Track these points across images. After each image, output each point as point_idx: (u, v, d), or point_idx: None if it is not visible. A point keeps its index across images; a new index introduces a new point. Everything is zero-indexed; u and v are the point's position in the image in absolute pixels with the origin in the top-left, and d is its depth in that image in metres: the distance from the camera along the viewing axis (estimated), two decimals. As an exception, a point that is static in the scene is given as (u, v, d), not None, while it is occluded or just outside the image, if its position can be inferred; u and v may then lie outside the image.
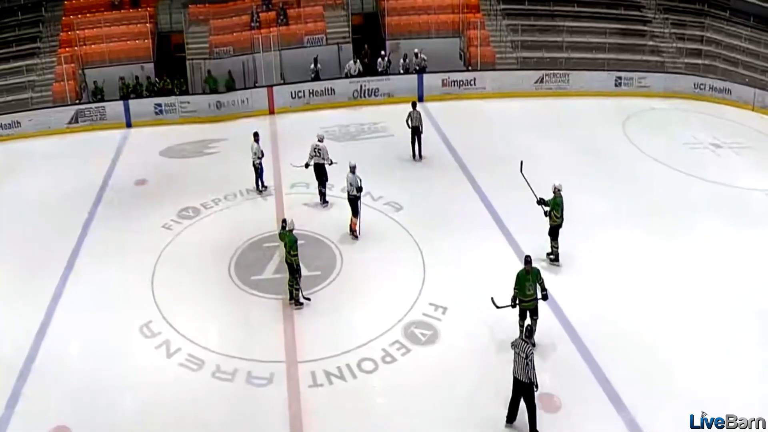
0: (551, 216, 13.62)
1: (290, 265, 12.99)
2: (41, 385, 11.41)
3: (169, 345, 12.23)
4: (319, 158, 16.47)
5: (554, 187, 13.59)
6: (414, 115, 18.57)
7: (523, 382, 9.82)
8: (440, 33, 25.55)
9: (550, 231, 13.82)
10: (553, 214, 13.58)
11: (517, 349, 9.87)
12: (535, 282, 11.54)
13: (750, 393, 10.64)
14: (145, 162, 19.72)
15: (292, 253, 12.85)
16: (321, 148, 16.48)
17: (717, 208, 16.05)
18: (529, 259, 11.71)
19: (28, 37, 24.56)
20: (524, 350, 9.79)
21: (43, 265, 14.55)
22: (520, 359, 9.78)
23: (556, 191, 13.56)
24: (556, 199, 13.55)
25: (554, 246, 13.91)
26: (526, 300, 11.53)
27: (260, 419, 10.76)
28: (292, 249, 12.83)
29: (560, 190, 13.55)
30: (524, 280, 11.48)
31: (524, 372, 9.76)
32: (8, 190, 18.18)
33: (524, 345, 9.85)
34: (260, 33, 24.37)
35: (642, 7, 26.25)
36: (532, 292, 11.53)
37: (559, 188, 13.57)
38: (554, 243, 13.88)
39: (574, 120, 21.39)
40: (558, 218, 13.63)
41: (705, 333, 12.14)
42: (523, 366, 9.75)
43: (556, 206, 13.55)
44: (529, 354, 9.75)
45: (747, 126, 21.06)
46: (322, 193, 16.78)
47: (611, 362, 11.45)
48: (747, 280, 13.45)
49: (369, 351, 11.93)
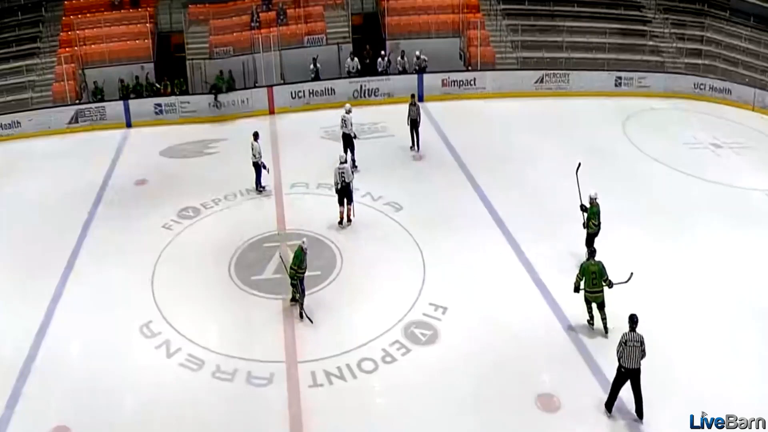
0: (589, 225, 13.66)
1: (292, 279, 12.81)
2: (41, 385, 11.42)
3: (169, 345, 12.24)
4: (345, 128, 17.83)
5: (590, 197, 13.65)
6: (413, 109, 19.06)
7: (636, 369, 10.05)
8: (440, 33, 25.53)
9: (587, 239, 13.78)
10: (591, 223, 13.62)
11: (632, 341, 10.01)
12: (600, 276, 11.81)
13: (750, 393, 10.64)
14: (145, 162, 19.72)
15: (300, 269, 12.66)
16: (346, 119, 17.90)
17: (717, 208, 16.06)
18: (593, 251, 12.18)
19: (28, 37, 24.55)
20: (638, 339, 10.02)
21: (44, 265, 14.55)
22: (635, 348, 9.99)
23: (592, 200, 13.61)
24: (593, 208, 13.61)
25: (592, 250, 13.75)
26: (592, 292, 11.92)
27: (260, 419, 10.77)
28: (295, 263, 12.64)
29: (596, 199, 13.61)
30: (589, 273, 11.84)
31: (638, 359, 10.01)
32: (8, 190, 18.18)
33: (636, 335, 10.05)
34: (260, 33, 24.36)
35: (642, 7, 26.25)
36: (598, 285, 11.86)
37: (595, 197, 13.64)
38: (590, 250, 13.66)
39: (574, 120, 21.40)
40: (595, 226, 13.66)
41: (705, 333, 12.15)
42: (638, 354, 9.99)
43: (594, 215, 13.60)
44: (643, 341, 10.01)
45: (747, 126, 21.07)
46: (353, 160, 17.83)
47: (611, 362, 11.43)
48: (747, 280, 13.47)
49: (369, 351, 11.94)
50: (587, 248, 13.36)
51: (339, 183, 15.39)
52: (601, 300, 11.97)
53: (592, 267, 11.84)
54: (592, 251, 12.25)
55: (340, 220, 15.70)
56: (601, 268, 11.83)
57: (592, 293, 11.94)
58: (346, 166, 15.52)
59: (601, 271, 11.81)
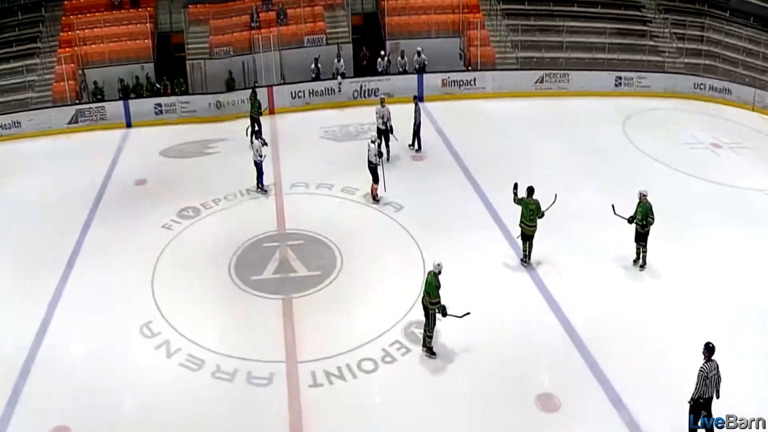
0: (645, 222, 13.52)
1: (425, 309, 11.82)
2: (41, 385, 11.42)
3: (169, 345, 12.23)
4: (380, 122, 18.28)
5: (640, 194, 13.57)
6: (415, 109, 19.21)
7: (713, 397, 9.64)
8: (440, 33, 25.53)
9: (640, 237, 13.71)
10: (648, 220, 13.49)
11: (712, 371, 9.54)
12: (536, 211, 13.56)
13: (750, 393, 10.64)
14: (146, 162, 19.72)
15: (432, 300, 11.66)
16: (382, 113, 18.33)
17: (717, 207, 16.07)
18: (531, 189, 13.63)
19: (28, 37, 24.54)
20: (716, 367, 9.57)
21: (44, 265, 14.56)
22: (714, 378, 9.54)
23: (642, 197, 13.54)
24: (645, 205, 13.50)
25: (644, 252, 13.83)
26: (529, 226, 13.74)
27: (260, 419, 10.77)
28: (432, 294, 11.64)
29: (646, 196, 13.55)
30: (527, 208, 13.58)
31: (718, 385, 9.60)
32: (8, 190, 18.17)
33: (713, 363, 9.57)
34: (260, 33, 24.36)
35: (642, 7, 26.25)
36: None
37: (644, 194, 13.57)
38: (644, 249, 13.81)
39: (574, 120, 21.40)
40: (651, 222, 13.52)
41: (705, 332, 12.08)
42: (718, 381, 9.58)
43: (648, 211, 13.49)
44: (718, 366, 9.59)
45: (747, 126, 21.08)
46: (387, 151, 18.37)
47: (611, 362, 11.46)
48: (747, 280, 13.47)
49: (369, 351, 11.94)
50: (640, 244, 13.75)
51: (369, 161, 16.41)
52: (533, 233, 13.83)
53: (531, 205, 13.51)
54: (530, 189, 13.68)
55: (374, 197, 16.68)
56: (538, 205, 13.54)
57: (528, 227, 13.73)
58: (372, 146, 16.32)
59: (537, 206, 13.52)
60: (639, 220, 13.57)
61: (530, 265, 14.03)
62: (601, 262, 14.10)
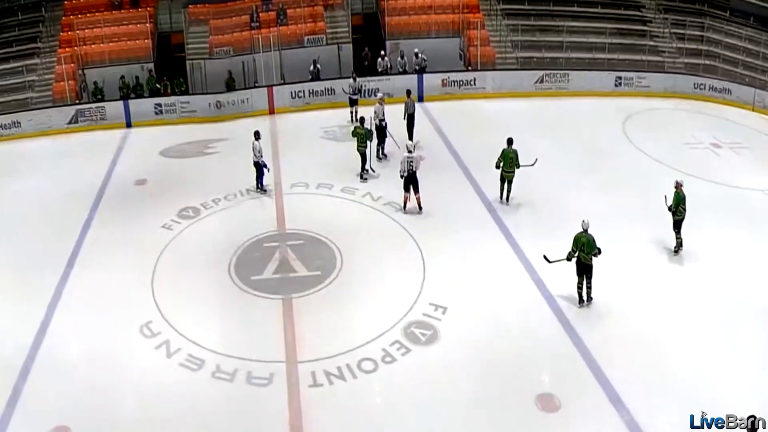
0: (678, 210, 13.98)
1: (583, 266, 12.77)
2: (42, 385, 11.41)
3: (169, 345, 12.23)
4: (377, 120, 18.69)
5: (676, 183, 14.10)
6: (408, 102, 19.44)
7: None
8: (440, 33, 25.56)
9: (675, 224, 14.20)
10: (680, 209, 13.94)
11: None
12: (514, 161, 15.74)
13: (750, 393, 10.64)
14: (146, 162, 19.72)
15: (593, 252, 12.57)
16: (378, 110, 18.69)
17: (717, 207, 16.06)
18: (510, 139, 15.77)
19: (28, 37, 24.55)
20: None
21: (44, 265, 14.55)
22: None
23: (678, 186, 14.00)
24: (680, 195, 13.93)
25: (679, 238, 14.28)
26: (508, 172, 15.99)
27: (260, 419, 10.76)
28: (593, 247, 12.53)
29: (681, 186, 14.03)
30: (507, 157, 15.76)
31: None
32: (9, 190, 18.17)
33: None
34: (260, 33, 24.35)
35: (642, 7, 26.26)
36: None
37: (681, 183, 14.08)
38: (678, 235, 14.28)
39: (574, 120, 21.40)
40: (684, 211, 13.99)
41: (705, 332, 12.16)
42: None
43: (681, 200, 13.93)
44: None
45: (747, 126, 21.08)
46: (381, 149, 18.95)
47: (611, 362, 11.46)
48: (747, 279, 13.47)
49: (369, 351, 11.93)
50: (676, 233, 14.19)
51: (406, 171, 15.74)
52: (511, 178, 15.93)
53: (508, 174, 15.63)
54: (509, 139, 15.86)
55: (404, 206, 16.12)
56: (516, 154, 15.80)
57: (507, 172, 15.92)
58: (413, 155, 15.81)
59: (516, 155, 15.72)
60: (674, 209, 14.00)
61: (509, 204, 16.10)
62: (600, 261, 14.05)
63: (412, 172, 15.80)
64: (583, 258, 12.63)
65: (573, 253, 12.62)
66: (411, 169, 15.74)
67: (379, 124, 18.76)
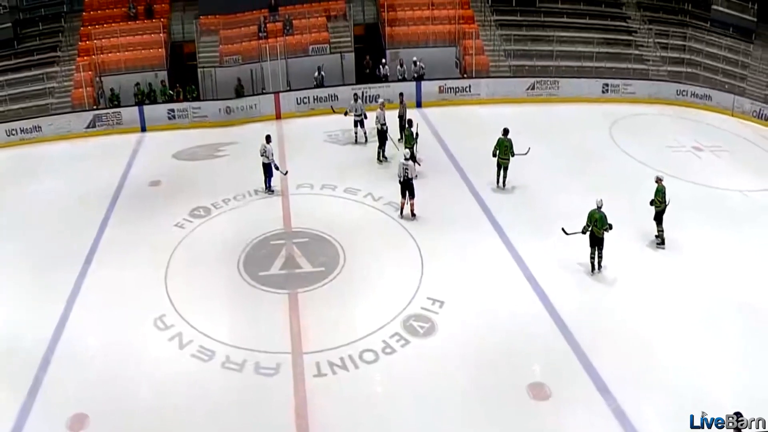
0: (655, 202, 14.24)
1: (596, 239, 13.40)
2: (61, 375, 11.40)
3: (182, 337, 12.21)
4: (378, 125, 18.71)
5: (657, 178, 14.48)
6: (401, 107, 19.66)
7: None
8: (437, 42, 25.49)
9: (655, 216, 14.41)
10: (656, 200, 14.24)
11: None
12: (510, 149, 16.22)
13: (731, 382, 10.62)
14: (159, 164, 19.68)
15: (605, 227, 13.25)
16: (379, 116, 18.71)
17: (698, 207, 16.03)
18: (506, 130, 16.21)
19: (48, 46, 24.53)
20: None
21: (63, 262, 14.52)
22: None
23: (658, 181, 14.36)
24: (659, 188, 14.24)
25: (660, 230, 14.40)
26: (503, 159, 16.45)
27: (267, 407, 10.75)
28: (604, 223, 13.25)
29: (662, 180, 14.39)
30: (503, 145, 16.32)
31: None
32: (30, 190, 18.14)
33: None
34: (267, 42, 24.31)
35: (627, 18, 26.22)
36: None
37: (660, 178, 14.46)
38: (660, 227, 14.41)
39: (563, 125, 21.35)
40: (661, 203, 14.22)
41: (689, 325, 12.13)
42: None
43: (658, 193, 14.22)
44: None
45: (726, 130, 21.07)
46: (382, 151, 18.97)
47: (599, 353, 11.44)
48: (727, 275, 13.44)
49: (370, 343, 11.92)
50: (657, 225, 14.41)
51: (402, 177, 15.50)
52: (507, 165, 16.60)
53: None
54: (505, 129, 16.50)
55: (401, 211, 15.88)
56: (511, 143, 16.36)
57: (503, 159, 16.54)
58: (409, 163, 15.50)
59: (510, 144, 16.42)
60: (658, 200, 14.20)
61: (505, 188, 16.66)
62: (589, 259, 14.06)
63: (408, 179, 15.55)
64: (596, 232, 13.27)
65: (587, 228, 13.30)
66: (406, 175, 15.49)
67: (381, 128, 18.72)
